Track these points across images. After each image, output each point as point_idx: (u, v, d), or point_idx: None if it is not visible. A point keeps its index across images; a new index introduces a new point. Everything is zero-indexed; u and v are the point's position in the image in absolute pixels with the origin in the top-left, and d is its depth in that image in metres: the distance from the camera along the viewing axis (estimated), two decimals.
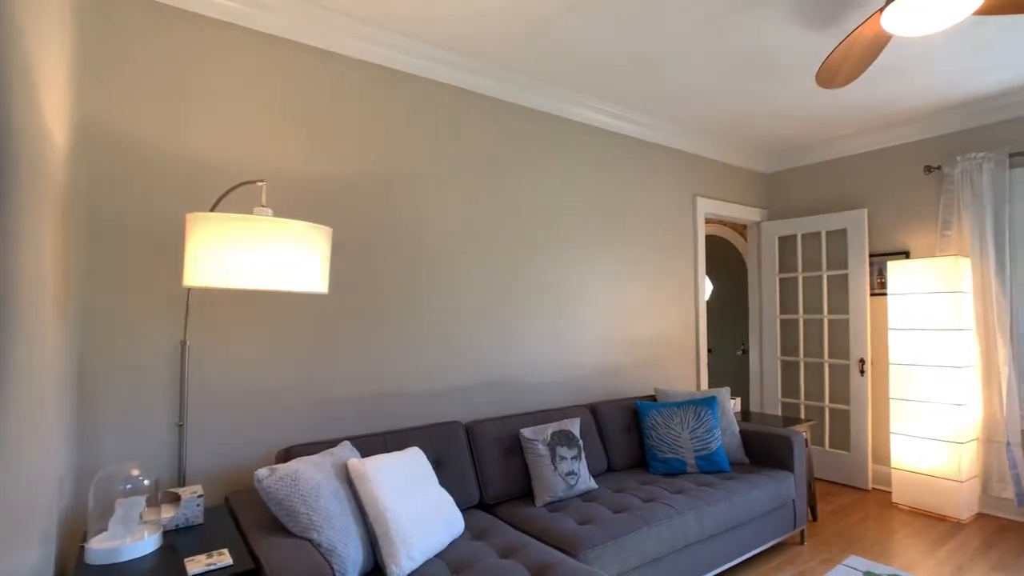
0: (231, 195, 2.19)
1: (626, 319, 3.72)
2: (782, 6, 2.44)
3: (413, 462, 2.03)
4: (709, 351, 6.01)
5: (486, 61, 2.91)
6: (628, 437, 3.14)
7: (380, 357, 2.59)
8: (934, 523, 3.48)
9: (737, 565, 2.90)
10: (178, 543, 1.66)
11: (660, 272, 3.97)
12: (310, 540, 1.63)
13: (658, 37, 2.69)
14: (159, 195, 2.05)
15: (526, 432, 2.59)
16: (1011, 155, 3.54)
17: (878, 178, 4.18)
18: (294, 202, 2.36)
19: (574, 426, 2.74)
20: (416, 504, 1.90)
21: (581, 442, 2.72)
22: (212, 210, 1.90)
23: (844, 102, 3.57)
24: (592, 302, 3.52)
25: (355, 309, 2.52)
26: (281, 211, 2.33)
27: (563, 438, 2.63)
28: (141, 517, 1.63)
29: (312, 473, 1.69)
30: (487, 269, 3.01)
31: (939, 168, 3.85)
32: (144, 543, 1.59)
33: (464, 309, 2.90)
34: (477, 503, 2.52)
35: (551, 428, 2.65)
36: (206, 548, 1.62)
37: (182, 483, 1.95)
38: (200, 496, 1.77)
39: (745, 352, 5.63)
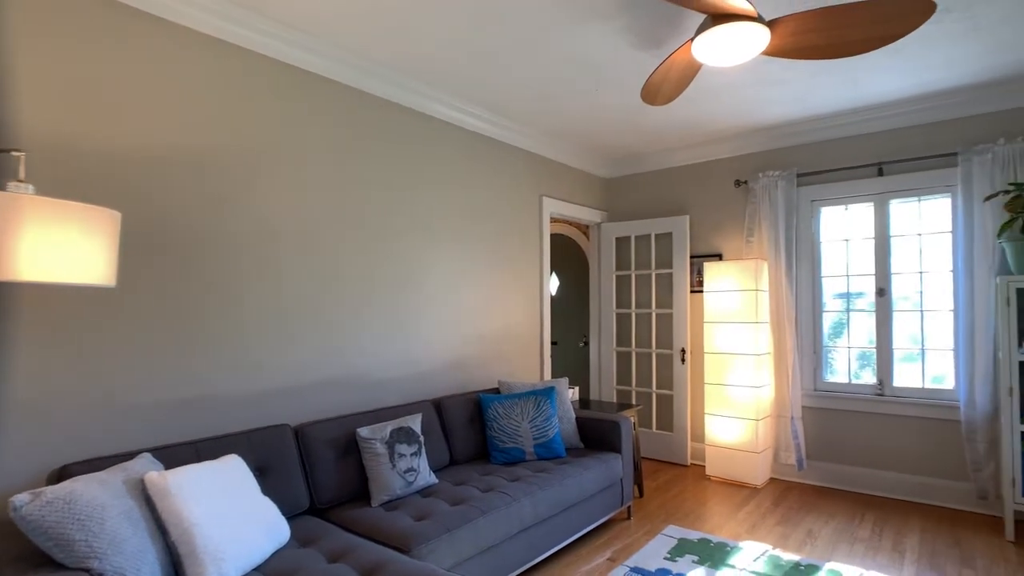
0: None
1: (474, 314, 3.78)
2: (614, 24, 2.62)
3: (228, 471, 1.87)
4: (554, 343, 6.34)
5: (328, 42, 2.76)
6: (471, 429, 3.20)
7: (192, 357, 2.33)
8: (737, 490, 4.02)
9: (570, 544, 3.10)
10: None
11: (508, 268, 4.09)
12: (89, 571, 1.43)
13: (501, 39, 2.75)
14: None
15: (363, 431, 2.52)
16: (799, 175, 4.18)
17: (699, 188, 4.70)
18: (71, 179, 2.00)
19: (415, 422, 2.72)
20: (230, 516, 1.76)
21: (422, 438, 2.71)
22: None
23: (671, 118, 3.96)
24: (440, 297, 3.52)
25: (159, 304, 2.24)
26: (50, 189, 1.96)
27: (403, 435, 2.60)
28: None
29: (94, 492, 1.48)
30: (324, 263, 2.86)
31: (746, 183, 4.44)
32: None
33: (297, 305, 2.73)
34: (308, 509, 2.40)
35: (391, 426, 2.60)
36: None
37: None
38: None
39: (586, 344, 6.04)
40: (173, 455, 2.02)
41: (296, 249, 2.73)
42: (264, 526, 1.88)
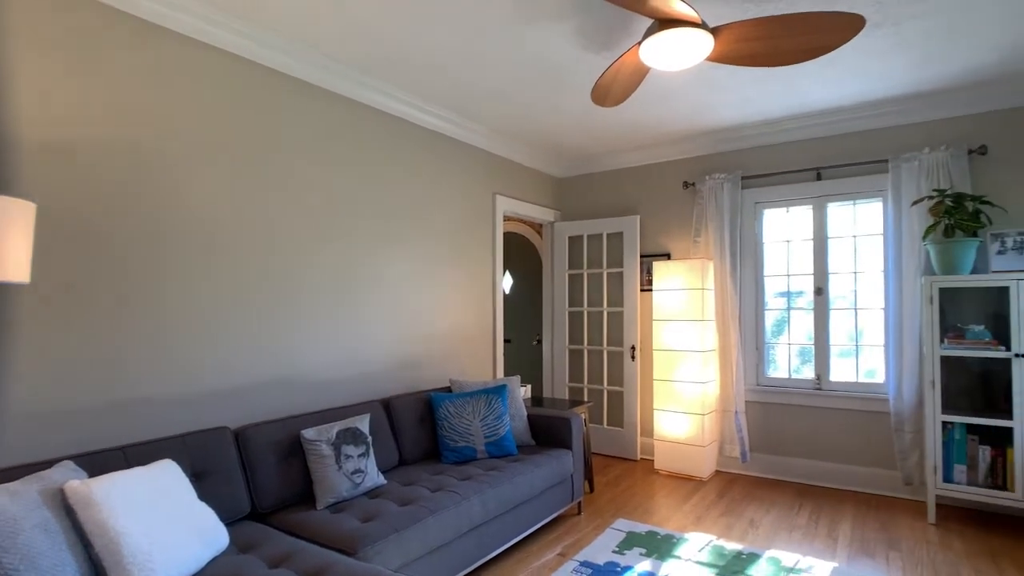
0: None
1: (426, 312, 3.74)
2: (567, 25, 2.64)
3: (161, 477, 1.78)
4: (508, 341, 6.37)
5: (279, 35, 2.67)
6: (421, 429, 3.17)
7: (121, 358, 2.21)
8: (684, 483, 4.13)
9: (521, 540, 3.11)
10: None
11: (461, 266, 4.07)
12: None
13: (453, 34, 2.73)
14: None
15: (308, 433, 2.45)
16: (743, 177, 4.33)
17: (649, 189, 4.80)
18: None
19: (363, 423, 2.67)
20: (162, 524, 1.68)
21: (370, 438, 2.66)
22: None
23: (622, 120, 4.02)
24: (390, 296, 3.47)
25: (82, 300, 2.10)
26: None
27: (350, 436, 2.55)
28: None
29: (4, 505, 1.38)
30: (270, 259, 2.77)
31: (694, 185, 4.56)
32: None
33: (240, 303, 2.63)
34: (249, 514, 2.33)
35: (337, 427, 2.55)
36: None
37: None
38: None
39: (540, 342, 6.08)
40: (98, 462, 1.91)
41: (241, 245, 2.63)
42: (200, 533, 1.80)
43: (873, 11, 2.56)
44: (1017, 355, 3.11)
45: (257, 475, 2.34)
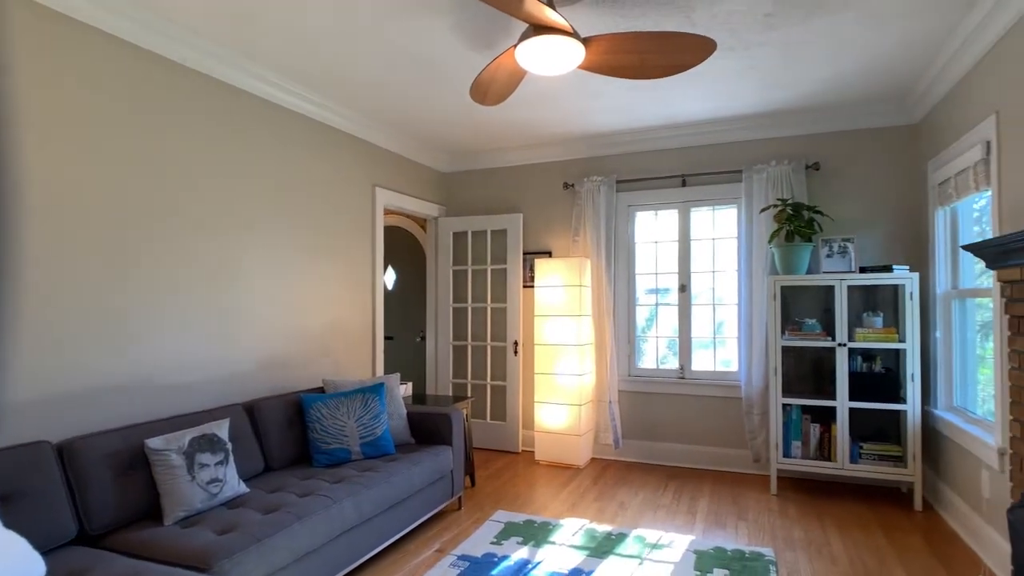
0: None
1: (298, 309, 3.54)
2: (445, 20, 2.61)
3: None
4: (390, 338, 6.22)
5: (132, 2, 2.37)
6: (290, 433, 2.99)
7: None
8: (562, 472, 4.29)
9: (399, 539, 3.05)
10: None
11: (337, 260, 3.89)
12: None
13: (324, 15, 2.60)
14: None
15: (154, 442, 2.21)
16: (618, 181, 4.58)
17: (532, 188, 4.92)
18: None
19: (221, 429, 2.46)
20: None
21: (230, 445, 2.46)
22: None
23: (504, 119, 4.07)
24: (257, 291, 3.23)
25: None
26: None
27: (206, 443, 2.34)
28: None
29: None
30: (102, 249, 2.44)
31: (573, 186, 4.74)
32: None
33: (69, 294, 2.30)
34: (76, 537, 2.06)
35: (190, 434, 2.32)
36: None
37: None
38: None
39: (423, 338, 6.01)
40: None
41: (70, 240, 2.29)
42: (3, 567, 1.55)
43: (727, 36, 2.81)
44: (840, 344, 3.58)
45: (87, 493, 2.06)
